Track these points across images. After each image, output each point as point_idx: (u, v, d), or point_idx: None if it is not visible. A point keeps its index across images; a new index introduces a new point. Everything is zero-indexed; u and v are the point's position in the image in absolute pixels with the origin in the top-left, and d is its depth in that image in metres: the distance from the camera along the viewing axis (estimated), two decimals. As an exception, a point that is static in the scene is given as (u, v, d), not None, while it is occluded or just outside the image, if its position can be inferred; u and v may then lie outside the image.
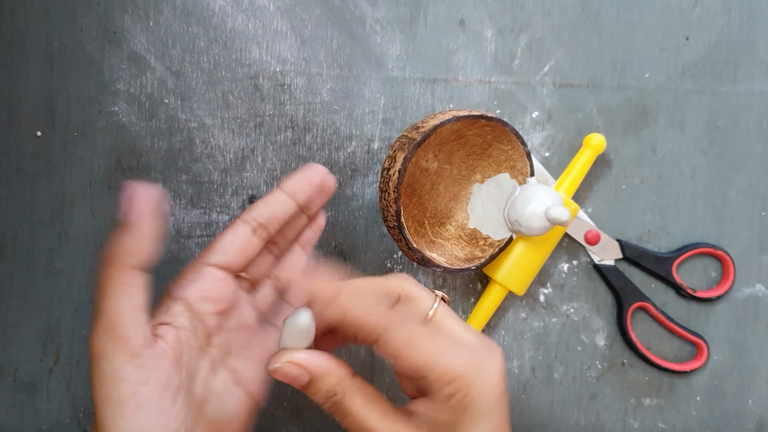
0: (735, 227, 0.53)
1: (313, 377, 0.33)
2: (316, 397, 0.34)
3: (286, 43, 0.50)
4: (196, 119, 0.49)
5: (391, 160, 0.44)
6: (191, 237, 0.50)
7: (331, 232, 0.51)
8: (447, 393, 0.32)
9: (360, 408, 0.34)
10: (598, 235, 0.51)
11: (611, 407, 0.53)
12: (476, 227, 0.50)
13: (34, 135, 0.49)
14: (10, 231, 0.49)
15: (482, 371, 0.33)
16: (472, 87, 0.51)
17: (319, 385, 0.34)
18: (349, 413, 0.34)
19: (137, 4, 0.49)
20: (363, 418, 0.33)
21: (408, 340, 0.32)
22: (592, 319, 0.52)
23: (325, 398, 0.34)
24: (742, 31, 0.52)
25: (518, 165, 0.47)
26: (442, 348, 0.33)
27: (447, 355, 0.32)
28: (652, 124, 0.52)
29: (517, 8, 0.51)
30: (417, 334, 0.33)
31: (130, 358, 0.32)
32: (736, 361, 0.53)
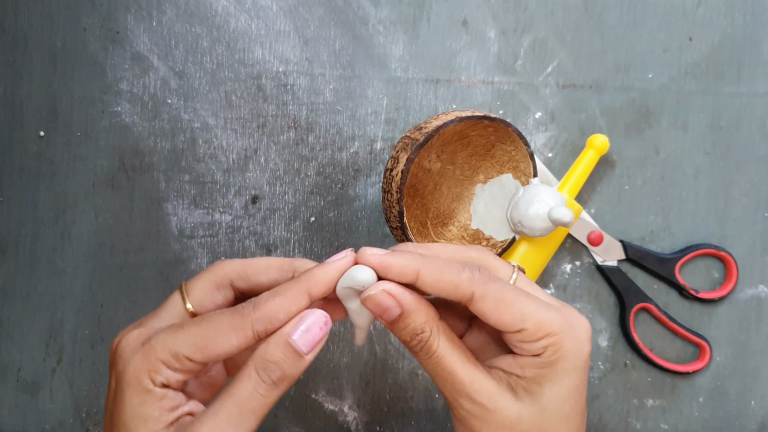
0: (738, 228, 0.53)
1: (404, 311, 0.33)
2: (404, 333, 0.34)
3: (289, 44, 0.50)
4: (199, 119, 0.49)
5: (393, 161, 0.44)
6: (194, 237, 0.50)
7: (333, 233, 0.51)
8: (541, 345, 0.33)
9: (444, 350, 0.33)
10: (601, 235, 0.51)
11: (614, 408, 0.52)
12: (479, 228, 0.50)
13: (37, 135, 0.49)
14: (13, 230, 0.49)
15: (573, 328, 0.33)
16: (475, 87, 0.51)
17: (408, 320, 0.33)
18: (434, 354, 0.33)
19: (140, 5, 0.49)
20: (446, 361, 0.33)
21: (501, 296, 0.33)
22: (595, 320, 0.52)
23: (412, 335, 0.33)
24: (745, 31, 0.52)
25: (521, 166, 0.47)
26: (534, 305, 0.33)
27: (540, 311, 0.33)
28: (655, 125, 0.52)
29: (520, 9, 0.51)
30: (509, 291, 0.33)
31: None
32: (739, 362, 0.53)
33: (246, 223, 0.50)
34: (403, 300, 0.33)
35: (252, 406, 0.32)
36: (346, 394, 0.51)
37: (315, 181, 0.50)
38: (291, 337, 0.32)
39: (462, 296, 0.33)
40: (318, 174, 0.50)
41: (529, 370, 0.33)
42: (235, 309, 0.32)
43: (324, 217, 0.51)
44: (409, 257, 0.33)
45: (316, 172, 0.50)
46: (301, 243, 0.50)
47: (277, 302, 0.32)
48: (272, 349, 0.32)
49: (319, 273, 0.33)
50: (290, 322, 0.32)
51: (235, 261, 0.36)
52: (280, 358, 0.32)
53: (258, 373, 0.32)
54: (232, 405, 0.31)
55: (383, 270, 0.33)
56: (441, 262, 0.34)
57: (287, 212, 0.50)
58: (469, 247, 0.36)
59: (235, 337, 0.32)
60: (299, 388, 0.51)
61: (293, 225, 0.50)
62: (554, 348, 0.33)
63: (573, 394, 0.34)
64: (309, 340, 0.32)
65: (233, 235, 0.50)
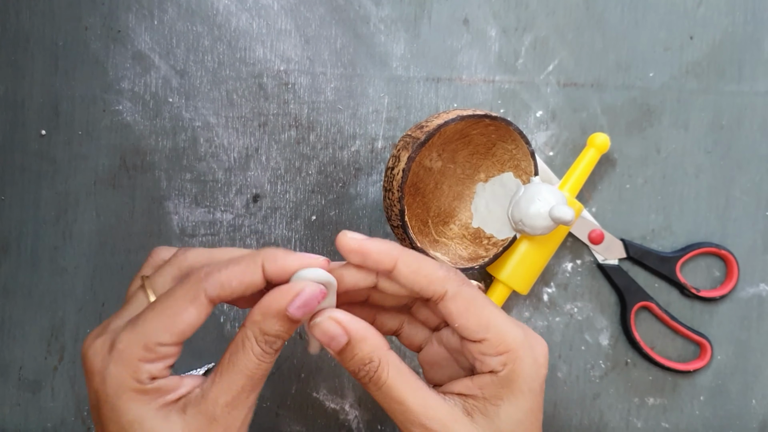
0: (739, 227, 0.53)
1: (351, 340, 0.33)
2: (351, 364, 0.33)
3: (291, 42, 0.50)
4: (200, 118, 0.49)
5: (395, 160, 0.44)
6: (195, 236, 0.50)
7: (334, 231, 0.51)
8: (500, 361, 0.33)
9: (394, 380, 0.33)
10: (602, 234, 0.51)
11: (615, 407, 0.52)
12: (480, 226, 0.50)
13: (39, 134, 0.49)
14: (15, 229, 0.49)
15: (533, 349, 0.34)
16: (476, 86, 0.51)
17: (356, 350, 0.33)
18: (383, 384, 0.33)
19: (141, 3, 0.49)
20: (396, 390, 0.33)
21: (473, 299, 0.33)
22: (596, 319, 0.52)
23: (360, 365, 0.33)
24: (746, 30, 0.52)
25: (522, 164, 0.47)
26: (501, 318, 0.33)
27: (505, 325, 0.33)
28: (656, 124, 0.52)
29: (521, 7, 0.51)
30: (481, 298, 0.34)
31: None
32: (740, 360, 0.53)
33: (247, 222, 0.50)
34: (351, 328, 0.33)
35: (260, 373, 0.32)
36: (347, 392, 0.51)
37: (316, 180, 0.50)
38: (288, 311, 0.32)
39: (434, 292, 0.33)
40: (319, 173, 0.50)
41: (487, 390, 0.33)
42: (186, 279, 0.32)
43: (325, 215, 0.51)
44: (390, 245, 0.33)
45: (318, 170, 0.50)
46: (302, 242, 0.50)
47: (231, 270, 0.32)
48: (272, 324, 0.32)
49: (280, 254, 0.32)
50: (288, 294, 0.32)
51: (199, 250, 0.35)
52: (281, 331, 0.32)
53: (260, 346, 0.32)
54: (242, 376, 0.32)
55: (362, 254, 0.33)
56: (419, 255, 0.34)
57: (288, 211, 0.50)
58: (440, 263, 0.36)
59: (193, 308, 0.31)
60: (300, 387, 0.51)
61: (294, 224, 0.50)
62: (512, 366, 0.33)
63: (529, 417, 0.33)
64: (306, 312, 0.32)
65: (234, 234, 0.50)
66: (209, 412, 0.31)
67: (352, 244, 0.33)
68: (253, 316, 0.32)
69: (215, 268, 0.32)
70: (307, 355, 0.51)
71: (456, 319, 0.33)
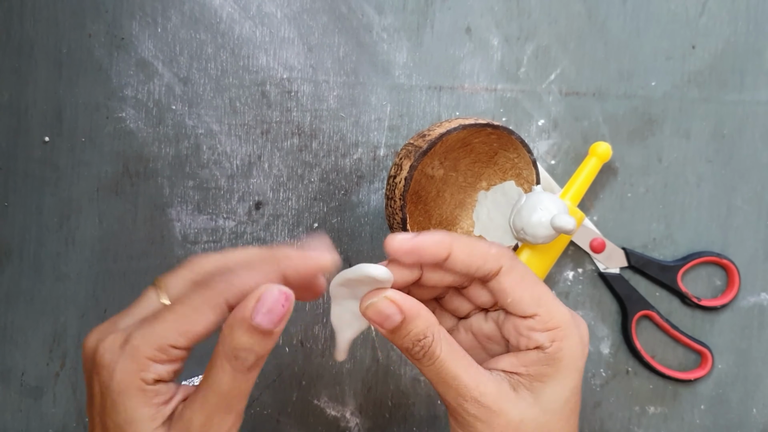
0: (740, 236, 0.53)
1: (406, 318, 0.32)
2: (405, 341, 0.33)
3: (293, 51, 0.50)
4: (203, 125, 0.50)
5: (397, 168, 0.44)
6: (198, 243, 0.50)
7: (336, 239, 0.51)
8: (548, 338, 0.33)
9: (447, 355, 0.33)
10: (604, 243, 0.51)
11: (615, 415, 0.53)
12: (482, 235, 0.50)
13: (42, 140, 0.49)
14: (18, 236, 0.49)
15: (579, 328, 0.34)
16: (478, 95, 0.51)
17: (410, 327, 0.33)
18: (436, 359, 0.33)
19: (145, 11, 0.49)
20: (449, 366, 0.33)
21: (526, 274, 0.34)
22: (597, 327, 0.52)
23: (414, 341, 0.33)
24: (748, 40, 0.53)
25: (524, 173, 0.47)
26: (551, 295, 0.34)
27: (555, 302, 0.34)
28: (657, 133, 0.52)
29: (523, 16, 0.51)
30: (532, 274, 0.34)
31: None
32: (741, 369, 0.53)
33: (249, 229, 0.50)
34: (405, 306, 0.32)
35: (235, 393, 0.31)
36: (348, 400, 0.51)
37: (318, 188, 0.51)
38: (254, 320, 0.30)
39: (489, 270, 0.33)
40: (321, 180, 0.51)
41: (534, 368, 0.33)
42: (206, 286, 0.31)
43: (327, 223, 0.51)
44: (440, 235, 0.33)
45: (320, 178, 0.51)
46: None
47: (251, 276, 0.31)
48: (238, 336, 0.30)
49: (299, 259, 0.32)
50: (249, 303, 0.30)
51: (213, 256, 0.34)
52: (250, 344, 0.30)
53: (231, 364, 0.31)
54: (215, 396, 0.31)
55: (417, 253, 0.33)
56: (470, 238, 0.34)
57: (290, 218, 0.50)
58: (491, 244, 0.36)
59: (213, 314, 0.31)
60: (301, 394, 0.51)
61: (296, 231, 0.50)
62: (560, 343, 0.33)
63: (573, 396, 0.34)
64: (273, 319, 0.30)
65: (237, 241, 0.50)
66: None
67: (406, 245, 0.33)
68: (223, 331, 0.31)
69: (235, 275, 0.31)
70: (308, 362, 0.51)
71: (510, 293, 0.33)
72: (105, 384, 0.31)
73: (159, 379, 0.31)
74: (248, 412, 0.50)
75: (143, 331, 0.31)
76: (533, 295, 0.33)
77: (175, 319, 0.31)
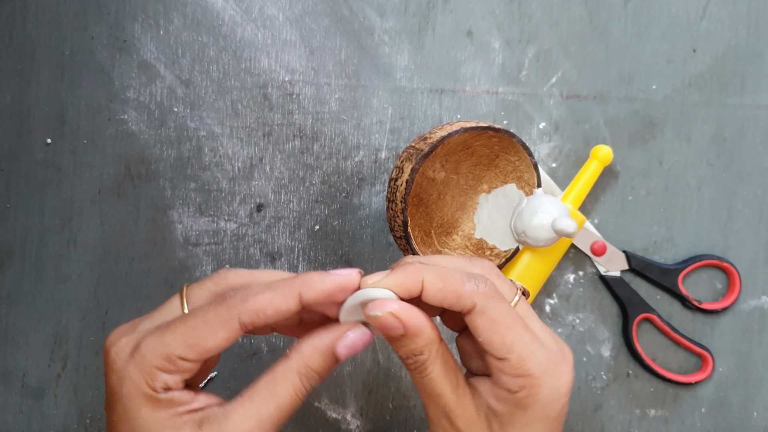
0: (741, 239, 0.53)
1: (407, 333, 0.33)
2: (402, 351, 0.34)
3: (295, 53, 0.50)
4: (205, 128, 0.50)
5: (398, 171, 0.44)
6: (199, 245, 0.50)
7: (337, 241, 0.51)
8: (518, 384, 0.33)
9: (437, 374, 0.34)
10: (605, 246, 0.51)
11: (616, 418, 0.53)
12: (483, 237, 0.50)
13: (44, 142, 0.49)
14: (20, 237, 0.49)
15: (554, 378, 0.33)
16: (479, 98, 0.51)
17: (409, 342, 0.33)
18: (427, 375, 0.34)
19: (147, 13, 0.49)
20: (437, 384, 0.34)
21: (500, 316, 0.33)
22: (598, 330, 0.52)
23: (409, 354, 0.34)
24: (749, 43, 0.53)
25: (525, 176, 0.48)
26: (527, 339, 0.33)
27: (530, 348, 0.33)
28: (658, 136, 0.52)
29: (524, 20, 0.51)
30: (509, 314, 0.33)
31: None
32: (742, 373, 0.53)
33: (251, 231, 0.50)
34: (409, 324, 0.33)
35: (290, 409, 0.32)
36: (349, 402, 0.51)
37: (320, 190, 0.51)
38: (337, 349, 0.33)
39: (462, 307, 0.33)
40: (323, 183, 0.51)
41: (503, 406, 0.34)
42: (221, 301, 0.32)
43: (328, 225, 0.51)
44: (411, 270, 0.33)
45: (321, 180, 0.51)
46: (306, 251, 0.51)
47: (267, 297, 0.31)
48: (317, 359, 0.33)
49: (317, 279, 0.32)
50: (337, 332, 0.33)
51: (240, 272, 0.35)
52: (323, 368, 0.33)
53: (301, 380, 0.32)
54: (273, 407, 0.32)
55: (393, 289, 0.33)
56: (445, 271, 0.33)
57: (292, 220, 0.51)
58: (474, 262, 0.36)
59: (224, 331, 0.31)
60: (302, 396, 0.51)
61: (298, 233, 0.51)
62: (528, 392, 0.33)
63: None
64: (350, 353, 0.33)
65: (238, 243, 0.50)
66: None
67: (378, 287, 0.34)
68: (301, 350, 0.33)
69: (251, 294, 0.32)
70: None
71: (480, 333, 0.33)
72: (115, 388, 0.32)
73: (167, 387, 0.31)
74: (249, 414, 0.50)
75: (153, 340, 0.31)
76: (504, 341, 0.33)
77: (184, 331, 0.31)
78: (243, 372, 0.50)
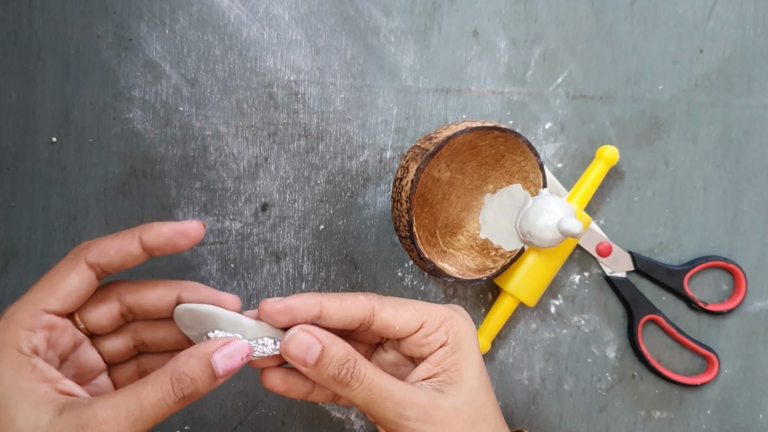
0: (747, 240, 0.53)
1: (324, 346, 0.35)
2: (330, 368, 0.35)
3: (301, 53, 0.50)
4: (210, 127, 0.50)
5: (403, 171, 0.44)
6: (204, 244, 0.50)
7: (342, 241, 0.51)
8: (443, 332, 0.37)
9: (373, 371, 0.35)
10: (610, 247, 0.51)
11: (621, 420, 0.52)
12: (488, 238, 0.50)
13: (50, 141, 0.49)
14: (24, 236, 0.49)
15: (457, 311, 0.39)
16: (485, 97, 0.51)
17: (331, 353, 0.35)
18: (364, 376, 0.35)
19: (153, 12, 0.49)
20: (378, 380, 0.35)
21: (395, 303, 0.37)
22: (603, 331, 0.52)
23: (339, 366, 0.35)
24: (756, 44, 0.52)
25: (531, 176, 0.47)
26: (421, 304, 0.38)
27: (428, 306, 0.37)
28: (665, 137, 0.52)
29: (530, 19, 0.51)
30: (399, 299, 0.38)
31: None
32: (747, 374, 0.53)
33: (256, 231, 0.50)
34: (321, 335, 0.35)
35: (155, 412, 0.32)
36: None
37: (325, 190, 0.51)
38: (213, 357, 0.33)
39: (364, 315, 0.36)
40: (328, 182, 0.51)
41: (446, 361, 0.37)
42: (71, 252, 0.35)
43: (333, 225, 0.51)
44: (308, 295, 0.36)
45: (326, 180, 0.51)
46: (310, 251, 0.51)
47: (110, 238, 0.35)
48: (192, 364, 0.32)
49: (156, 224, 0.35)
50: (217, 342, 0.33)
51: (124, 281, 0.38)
52: (198, 375, 0.32)
53: (172, 384, 0.32)
54: (136, 406, 0.31)
55: (287, 312, 0.35)
56: (337, 294, 0.37)
57: (297, 220, 0.50)
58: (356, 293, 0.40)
59: (74, 273, 0.34)
60: (307, 396, 0.51)
61: (302, 233, 0.51)
62: (454, 331, 0.37)
63: (482, 368, 0.37)
64: (227, 365, 0.33)
65: (243, 242, 0.50)
66: (83, 423, 0.30)
67: (277, 306, 0.35)
68: (177, 357, 0.33)
69: (96, 240, 0.35)
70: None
71: (394, 323, 0.36)
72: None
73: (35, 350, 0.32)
74: (253, 414, 0.50)
75: (17, 303, 0.33)
76: (411, 312, 0.37)
77: (42, 286, 0.34)
78: None
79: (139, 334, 0.38)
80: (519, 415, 0.52)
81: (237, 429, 0.50)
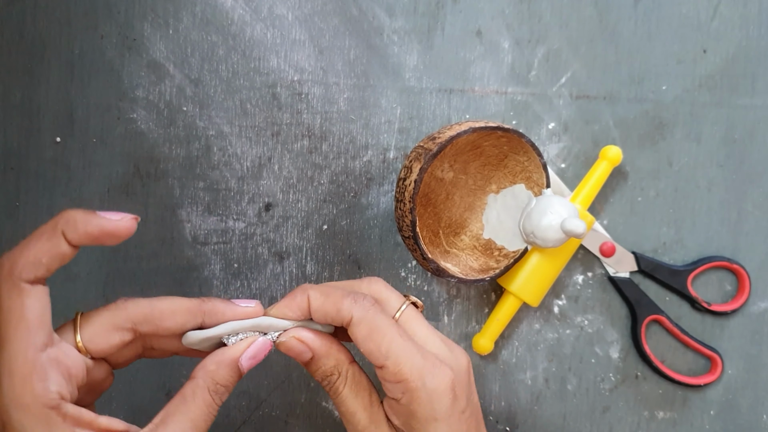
0: (751, 241, 0.53)
1: (315, 356, 0.36)
2: (316, 375, 0.37)
3: (304, 53, 0.50)
4: (214, 127, 0.50)
5: (407, 171, 0.44)
6: (207, 244, 0.50)
7: (345, 241, 0.51)
8: (399, 391, 0.35)
9: (349, 393, 0.36)
10: (614, 247, 0.51)
11: (624, 420, 0.52)
12: (491, 238, 0.50)
13: (54, 141, 0.49)
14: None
15: (430, 379, 0.34)
16: (488, 98, 0.51)
17: (320, 364, 0.37)
18: (340, 394, 0.37)
19: (157, 13, 0.49)
20: (349, 403, 0.36)
21: (376, 325, 0.35)
22: (606, 332, 0.52)
23: (323, 377, 0.37)
24: (759, 44, 0.52)
25: (534, 176, 0.47)
26: (403, 345, 0.35)
27: (405, 353, 0.34)
28: (668, 137, 0.52)
29: (534, 19, 0.51)
30: (387, 324, 0.35)
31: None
32: (751, 375, 0.53)
33: (259, 231, 0.50)
34: (314, 346, 0.36)
35: (205, 425, 0.34)
36: (356, 402, 0.51)
37: (328, 190, 0.51)
38: (240, 361, 0.35)
39: (342, 319, 0.35)
40: (331, 182, 0.51)
41: (398, 418, 0.36)
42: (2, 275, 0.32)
43: (336, 225, 0.51)
44: (298, 290, 0.37)
45: (329, 180, 0.51)
46: (314, 251, 0.51)
47: (33, 245, 0.32)
48: (224, 373, 0.34)
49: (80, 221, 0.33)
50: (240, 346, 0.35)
51: (140, 302, 0.35)
52: (230, 382, 0.35)
53: (212, 397, 0.34)
54: (187, 422, 0.33)
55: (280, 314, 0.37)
56: (329, 288, 0.36)
57: (300, 220, 0.51)
58: (364, 279, 0.39)
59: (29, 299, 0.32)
60: (309, 396, 0.51)
61: (306, 233, 0.51)
62: (409, 396, 0.34)
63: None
64: (252, 365, 0.36)
65: (246, 242, 0.50)
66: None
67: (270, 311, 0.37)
68: (206, 366, 0.34)
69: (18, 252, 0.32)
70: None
71: (360, 344, 0.35)
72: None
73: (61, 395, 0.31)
74: (257, 413, 0.51)
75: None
76: (380, 348, 0.34)
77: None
78: None
79: (150, 342, 0.38)
80: (522, 415, 0.52)
81: (240, 429, 0.51)
